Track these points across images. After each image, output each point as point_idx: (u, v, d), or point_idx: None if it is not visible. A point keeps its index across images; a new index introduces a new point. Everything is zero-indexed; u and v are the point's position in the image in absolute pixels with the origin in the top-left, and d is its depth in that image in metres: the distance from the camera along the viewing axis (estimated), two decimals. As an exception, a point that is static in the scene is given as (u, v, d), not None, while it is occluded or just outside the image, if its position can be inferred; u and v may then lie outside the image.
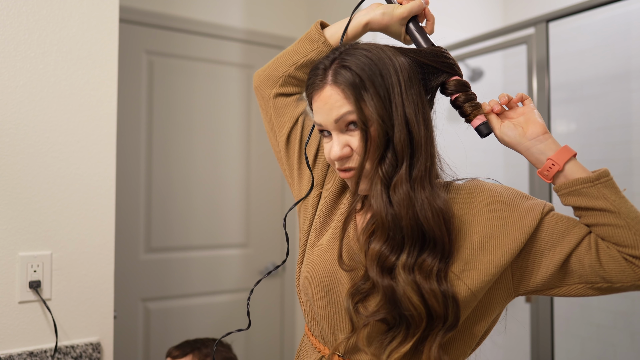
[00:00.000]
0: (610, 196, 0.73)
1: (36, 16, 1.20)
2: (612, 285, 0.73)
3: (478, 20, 2.46)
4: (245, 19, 2.31)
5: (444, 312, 0.72)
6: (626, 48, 1.96)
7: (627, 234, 0.71)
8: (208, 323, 2.21)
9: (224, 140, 2.27)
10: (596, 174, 0.74)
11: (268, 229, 2.37)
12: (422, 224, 0.73)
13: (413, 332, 0.73)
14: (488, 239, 0.76)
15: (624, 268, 0.72)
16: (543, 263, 0.76)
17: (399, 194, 0.74)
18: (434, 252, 0.74)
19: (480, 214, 0.78)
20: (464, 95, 0.82)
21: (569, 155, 0.76)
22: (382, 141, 0.74)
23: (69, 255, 1.22)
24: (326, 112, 0.78)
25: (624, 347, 1.88)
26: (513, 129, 0.80)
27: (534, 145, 0.78)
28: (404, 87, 0.76)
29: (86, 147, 1.24)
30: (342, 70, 0.76)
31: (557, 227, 0.76)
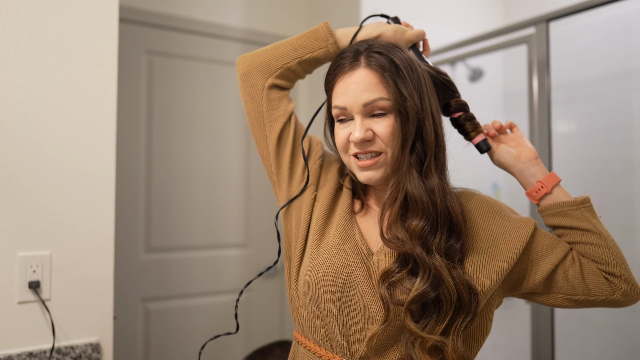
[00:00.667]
0: (592, 219, 0.82)
1: (35, 16, 1.19)
2: (588, 298, 0.82)
3: (478, 20, 2.46)
4: (245, 18, 2.31)
5: (468, 300, 0.76)
6: (627, 48, 1.96)
7: (605, 253, 0.81)
8: (208, 323, 2.21)
9: (224, 140, 2.26)
10: (580, 199, 0.84)
11: (268, 229, 2.37)
12: (452, 213, 0.78)
13: (442, 319, 0.75)
14: (491, 245, 0.82)
15: (601, 282, 0.81)
16: (534, 271, 0.83)
17: (431, 181, 0.78)
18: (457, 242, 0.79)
19: (482, 221, 0.84)
20: (465, 115, 0.90)
21: (556, 181, 0.85)
22: (414, 129, 0.78)
23: (68, 256, 1.22)
24: (356, 94, 0.79)
25: (625, 347, 1.88)
26: (508, 152, 0.89)
27: (527, 168, 0.87)
28: (429, 86, 0.83)
29: (86, 147, 1.24)
30: (377, 54, 0.79)
31: (546, 240, 0.84)
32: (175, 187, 2.15)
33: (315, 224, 0.89)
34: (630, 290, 0.81)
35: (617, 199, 1.91)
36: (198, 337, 2.18)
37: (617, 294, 0.81)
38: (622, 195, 1.90)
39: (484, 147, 0.90)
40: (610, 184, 1.93)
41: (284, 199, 0.94)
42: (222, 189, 2.25)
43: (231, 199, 2.27)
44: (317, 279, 0.82)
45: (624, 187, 1.90)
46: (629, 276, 0.81)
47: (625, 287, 0.81)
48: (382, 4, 2.13)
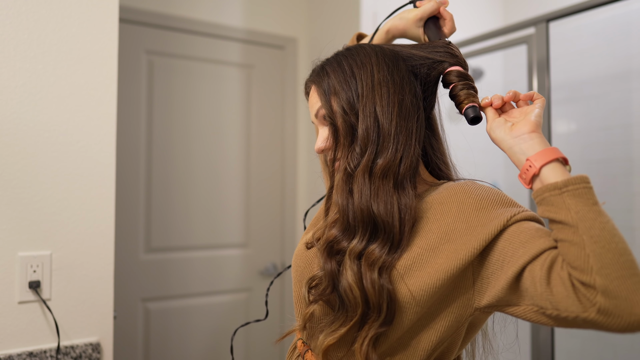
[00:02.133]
0: (575, 207, 0.62)
1: (36, 16, 1.19)
2: (560, 314, 0.61)
3: (478, 20, 2.46)
4: (245, 18, 2.31)
5: (378, 302, 0.70)
6: (626, 48, 1.96)
7: (578, 254, 0.60)
8: (208, 323, 2.21)
9: (224, 140, 2.26)
10: (563, 181, 0.64)
11: (268, 229, 2.37)
12: (372, 211, 0.73)
13: (351, 317, 0.73)
14: (444, 242, 0.71)
15: (569, 294, 0.60)
16: (500, 275, 0.67)
17: (356, 183, 0.75)
18: (383, 242, 0.73)
19: (447, 215, 0.73)
20: (461, 85, 0.79)
21: (550, 158, 0.66)
22: (347, 133, 0.78)
23: (68, 255, 1.22)
24: (310, 108, 0.87)
25: (624, 347, 1.88)
26: (502, 124, 0.74)
27: (517, 144, 0.70)
28: (377, 79, 0.77)
29: (86, 147, 1.24)
30: (321, 71, 0.84)
31: (519, 237, 0.66)
32: (175, 187, 2.15)
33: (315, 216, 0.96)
34: (611, 307, 0.57)
35: (617, 199, 1.91)
36: (198, 337, 2.19)
37: (591, 311, 0.58)
38: (622, 195, 1.90)
39: (471, 113, 0.76)
40: (610, 184, 1.93)
41: None
42: (222, 189, 2.25)
43: (231, 199, 2.27)
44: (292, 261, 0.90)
45: (624, 187, 1.90)
46: (612, 287, 0.57)
47: (602, 303, 0.57)
48: (381, 4, 2.13)
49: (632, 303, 0.56)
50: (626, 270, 0.57)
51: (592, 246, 0.59)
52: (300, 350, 0.85)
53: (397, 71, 0.78)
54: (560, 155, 0.67)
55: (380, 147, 0.75)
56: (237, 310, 2.28)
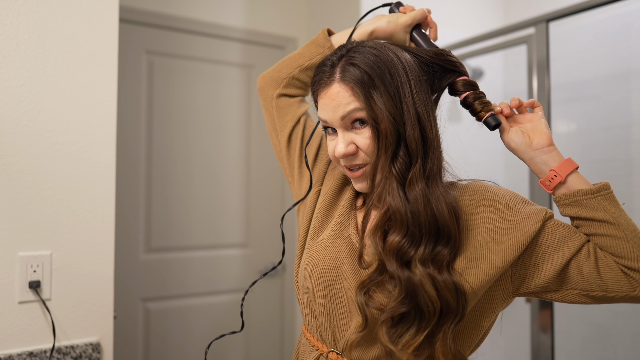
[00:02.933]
0: (610, 208, 0.76)
1: (36, 16, 1.19)
2: (607, 295, 0.75)
3: (478, 20, 2.46)
4: (245, 18, 2.31)
5: (456, 304, 0.74)
6: (626, 48, 1.96)
7: (625, 246, 0.74)
8: (208, 323, 2.21)
9: (224, 140, 2.26)
10: (597, 186, 0.77)
11: (268, 229, 2.37)
12: (438, 219, 0.75)
13: (426, 324, 0.73)
14: (491, 239, 0.77)
15: (620, 278, 0.74)
16: (544, 266, 0.77)
17: (415, 191, 0.75)
18: (446, 244, 0.76)
19: (484, 215, 0.79)
20: (473, 94, 0.84)
21: (572, 168, 0.79)
22: (393, 139, 0.76)
23: (68, 255, 1.22)
24: (332, 109, 0.79)
25: (625, 348, 1.88)
26: (521, 136, 0.82)
27: (538, 155, 0.80)
28: (414, 85, 0.77)
29: (86, 147, 1.24)
30: (350, 67, 0.77)
31: (558, 232, 0.78)
32: (175, 187, 2.15)
33: (315, 218, 0.92)
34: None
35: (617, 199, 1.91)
36: (198, 337, 2.19)
37: (639, 289, 0.74)
38: (622, 195, 1.90)
39: (492, 121, 0.83)
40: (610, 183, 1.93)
41: (297, 197, 1.00)
42: (222, 189, 2.25)
43: (231, 199, 2.27)
44: (308, 271, 0.85)
45: (624, 187, 1.90)
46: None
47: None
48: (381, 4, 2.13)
49: None
50: None
51: (634, 239, 0.74)
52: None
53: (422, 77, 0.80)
54: (577, 165, 0.79)
55: (426, 152, 0.77)
56: (237, 310, 2.28)
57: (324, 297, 0.82)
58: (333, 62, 0.80)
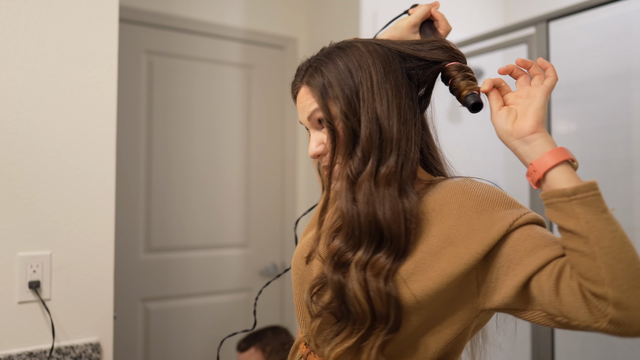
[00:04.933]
0: (584, 216, 0.61)
1: (36, 16, 1.19)
2: (570, 322, 0.62)
3: (478, 20, 2.46)
4: (245, 18, 2.31)
5: (386, 312, 0.69)
6: (627, 48, 1.96)
7: (590, 265, 0.59)
8: (208, 323, 2.21)
9: (224, 140, 2.26)
10: (571, 188, 0.62)
11: (268, 229, 2.37)
12: (379, 221, 0.71)
13: (358, 328, 0.72)
14: (447, 245, 0.70)
15: (579, 305, 0.60)
16: (505, 282, 0.67)
17: (361, 192, 0.72)
18: (389, 251, 0.71)
19: (449, 217, 0.71)
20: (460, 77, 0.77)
21: (554, 162, 0.65)
22: (349, 138, 0.74)
23: (68, 256, 1.22)
24: (301, 111, 0.81)
25: (625, 348, 1.88)
26: (505, 118, 0.70)
27: (520, 146, 0.69)
28: (376, 82, 0.74)
29: (86, 146, 1.24)
30: (314, 72, 0.78)
31: (525, 243, 0.66)
32: (175, 187, 2.15)
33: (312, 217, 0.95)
34: (623, 318, 0.58)
35: (617, 199, 1.91)
36: (198, 337, 2.19)
37: (602, 321, 0.59)
38: (622, 195, 1.90)
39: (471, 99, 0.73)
40: (610, 184, 1.93)
41: None
42: (221, 189, 2.25)
43: (231, 199, 2.27)
44: (292, 264, 0.89)
45: (624, 187, 1.89)
46: (622, 298, 0.58)
47: (613, 314, 0.58)
48: (381, 5, 2.13)
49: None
50: (636, 280, 0.58)
51: (603, 257, 0.59)
52: (302, 352, 0.84)
53: (393, 73, 0.76)
54: (565, 158, 0.65)
55: (383, 153, 0.73)
56: (237, 311, 2.28)
57: (299, 289, 0.86)
58: (304, 67, 0.81)
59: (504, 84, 0.75)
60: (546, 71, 0.72)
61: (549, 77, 0.71)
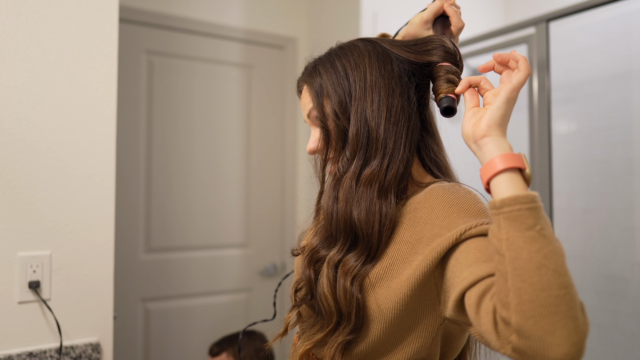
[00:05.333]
0: (506, 232, 0.56)
1: (36, 16, 1.19)
2: (489, 345, 0.58)
3: (478, 20, 2.46)
4: (245, 18, 2.31)
5: (348, 311, 0.71)
6: (627, 48, 1.96)
7: (501, 286, 0.54)
8: (208, 323, 2.21)
9: (224, 140, 2.26)
10: (501, 199, 0.57)
11: (268, 229, 2.37)
12: (354, 221, 0.71)
13: (327, 324, 0.74)
14: (411, 253, 0.68)
15: (490, 328, 0.56)
16: (451, 295, 0.63)
17: (342, 189, 0.74)
18: (360, 252, 0.72)
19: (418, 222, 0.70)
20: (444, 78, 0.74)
21: (495, 170, 0.59)
22: (339, 137, 0.77)
23: (68, 256, 1.22)
24: (302, 109, 0.85)
25: (625, 348, 1.88)
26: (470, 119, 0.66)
27: (476, 150, 0.65)
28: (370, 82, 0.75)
29: (86, 147, 1.24)
30: (313, 71, 0.82)
31: (467, 257, 0.62)
32: (175, 187, 2.15)
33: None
34: (525, 347, 0.52)
35: (617, 199, 1.91)
36: (198, 337, 2.18)
37: (507, 348, 0.54)
38: (622, 195, 1.90)
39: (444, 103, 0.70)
40: (610, 184, 1.93)
41: None
42: (221, 189, 2.25)
43: (231, 199, 2.27)
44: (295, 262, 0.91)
45: (624, 187, 1.89)
46: (526, 327, 0.52)
47: (515, 342, 0.53)
48: (381, 5, 2.12)
49: (546, 345, 0.51)
50: (545, 308, 0.51)
51: (514, 279, 0.53)
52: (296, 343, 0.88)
53: (389, 73, 0.75)
54: (510, 165, 0.59)
55: (369, 153, 0.73)
56: (237, 311, 2.27)
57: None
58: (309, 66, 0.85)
59: (484, 82, 0.70)
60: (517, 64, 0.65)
61: (519, 71, 0.65)
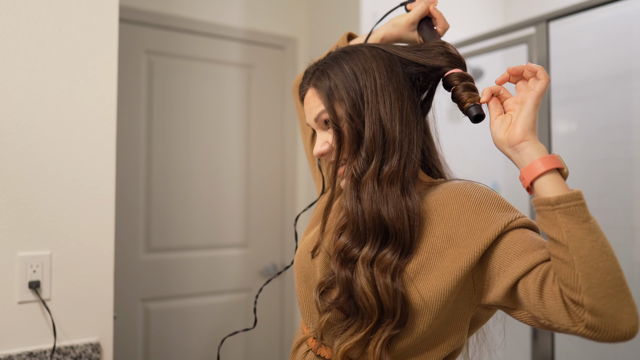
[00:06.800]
0: (565, 225, 0.63)
1: (36, 16, 1.19)
2: (552, 325, 0.65)
3: (478, 20, 2.46)
4: (245, 18, 2.31)
5: (393, 306, 0.72)
6: (627, 48, 1.96)
7: (568, 273, 0.62)
8: (208, 323, 2.21)
9: (224, 140, 2.26)
10: (556, 197, 0.65)
11: (268, 229, 2.37)
12: (384, 221, 0.74)
13: (366, 323, 0.75)
14: (449, 246, 0.74)
15: (560, 309, 0.64)
16: (496, 282, 0.71)
17: (365, 191, 0.76)
18: (394, 248, 0.75)
19: (449, 218, 0.75)
20: (463, 85, 0.79)
21: (541, 171, 0.67)
22: (353, 139, 0.78)
23: (68, 256, 1.22)
24: (308, 112, 0.84)
25: (625, 348, 1.88)
26: (499, 126, 0.73)
27: (512, 154, 0.71)
28: (380, 85, 0.77)
29: (86, 147, 1.24)
30: (321, 75, 0.82)
31: (515, 247, 0.70)
32: (175, 187, 2.15)
33: (313, 216, 0.97)
34: (598, 324, 0.61)
35: (617, 199, 1.91)
36: (198, 337, 2.18)
37: (580, 326, 0.62)
38: (622, 195, 1.90)
39: (474, 111, 0.76)
40: (610, 184, 1.93)
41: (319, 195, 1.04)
42: (222, 189, 2.25)
43: (231, 199, 2.27)
44: (295, 263, 0.91)
45: (624, 187, 1.89)
46: (597, 306, 0.60)
47: (589, 320, 0.61)
48: (381, 5, 2.12)
49: (617, 320, 0.60)
50: (612, 289, 0.61)
51: (581, 266, 0.61)
52: (312, 346, 0.86)
53: (395, 77, 0.79)
54: (552, 166, 0.67)
55: (386, 153, 0.76)
56: (237, 311, 2.27)
57: (304, 286, 0.88)
58: (312, 70, 0.85)
59: (503, 91, 0.76)
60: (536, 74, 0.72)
61: (539, 79, 0.71)
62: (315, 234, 0.89)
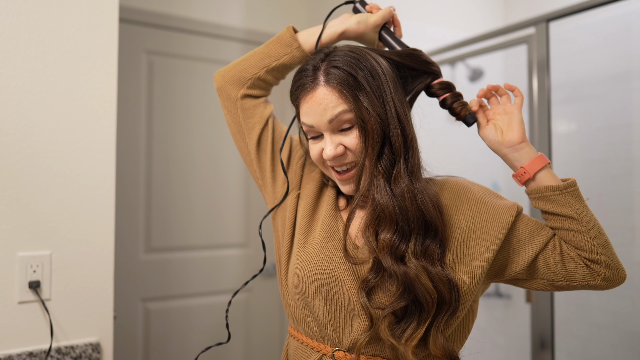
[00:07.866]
0: (575, 205, 0.80)
1: (36, 16, 1.19)
2: (570, 284, 0.83)
3: (478, 20, 2.46)
4: (245, 18, 2.31)
5: (449, 296, 0.76)
6: (627, 48, 1.96)
7: (586, 240, 0.80)
8: (208, 323, 2.21)
9: (224, 140, 2.26)
10: (564, 183, 0.81)
11: (268, 229, 2.37)
12: (425, 214, 0.78)
13: (425, 317, 0.76)
14: (471, 233, 0.82)
15: (582, 269, 0.81)
16: (517, 259, 0.83)
17: (400, 186, 0.78)
18: (434, 240, 0.79)
19: (463, 209, 0.84)
20: (452, 97, 0.87)
21: (540, 166, 0.83)
22: (379, 138, 0.78)
23: (68, 256, 1.22)
24: (320, 113, 0.80)
25: (625, 348, 1.88)
26: (493, 132, 0.85)
27: (510, 153, 0.84)
28: (392, 86, 0.81)
29: (86, 147, 1.24)
30: (334, 70, 0.79)
31: (528, 227, 0.84)
32: (175, 187, 2.15)
33: (300, 222, 0.92)
34: (611, 275, 0.81)
35: (617, 199, 1.91)
36: (198, 337, 2.19)
37: (597, 279, 0.81)
38: (622, 195, 1.90)
39: (470, 119, 0.87)
40: (610, 184, 1.93)
41: (271, 201, 1.00)
42: (221, 189, 2.25)
43: (231, 199, 2.27)
44: (304, 276, 0.84)
45: (624, 187, 1.90)
46: (610, 261, 0.80)
47: (605, 273, 0.81)
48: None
49: (620, 269, 0.82)
50: (612, 248, 0.81)
51: (595, 234, 0.80)
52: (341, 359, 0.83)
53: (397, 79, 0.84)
54: (547, 162, 0.84)
55: (407, 150, 0.80)
56: (237, 311, 2.28)
57: (323, 300, 0.82)
58: (315, 66, 0.81)
59: (484, 103, 0.89)
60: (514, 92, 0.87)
61: (517, 96, 0.86)
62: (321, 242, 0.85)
